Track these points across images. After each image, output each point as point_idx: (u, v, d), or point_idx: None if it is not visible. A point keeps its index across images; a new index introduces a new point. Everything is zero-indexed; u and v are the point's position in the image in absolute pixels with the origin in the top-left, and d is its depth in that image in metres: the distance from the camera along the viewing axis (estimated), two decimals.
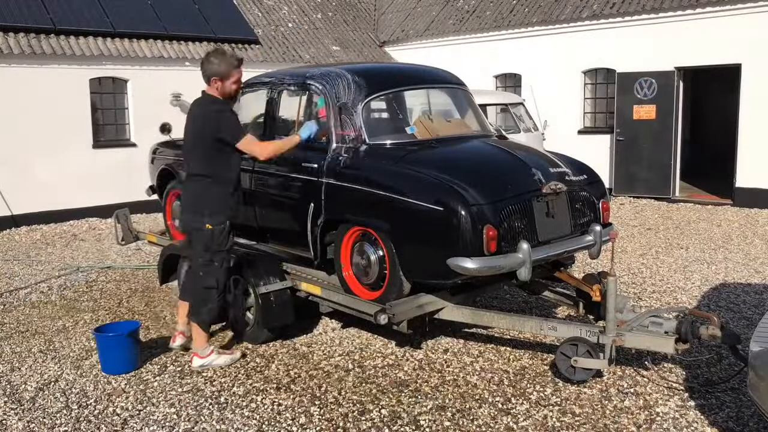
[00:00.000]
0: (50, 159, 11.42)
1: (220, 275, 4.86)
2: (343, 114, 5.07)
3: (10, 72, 11.04)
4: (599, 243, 4.92)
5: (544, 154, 5.41)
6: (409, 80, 5.61)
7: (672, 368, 4.83)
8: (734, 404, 4.27)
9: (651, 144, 12.62)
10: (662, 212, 11.51)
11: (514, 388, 4.55)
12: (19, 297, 7.06)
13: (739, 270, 7.51)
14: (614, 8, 12.95)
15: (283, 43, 15.06)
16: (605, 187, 5.37)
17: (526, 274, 4.41)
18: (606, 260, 7.54)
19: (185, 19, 13.47)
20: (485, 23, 15.13)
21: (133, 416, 4.26)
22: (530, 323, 4.82)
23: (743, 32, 11.38)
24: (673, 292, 6.71)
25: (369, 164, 4.86)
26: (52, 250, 9.46)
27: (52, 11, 11.85)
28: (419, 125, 5.25)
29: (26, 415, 4.30)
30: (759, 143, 11.35)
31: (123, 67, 12.26)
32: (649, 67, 12.53)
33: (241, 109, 6.09)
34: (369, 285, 4.92)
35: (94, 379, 4.82)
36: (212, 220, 4.74)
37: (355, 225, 4.91)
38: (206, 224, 4.74)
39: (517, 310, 6.21)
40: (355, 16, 17.75)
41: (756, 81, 11.34)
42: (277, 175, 5.43)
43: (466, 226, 4.28)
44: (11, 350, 5.47)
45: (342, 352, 5.24)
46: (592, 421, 4.08)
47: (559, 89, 13.78)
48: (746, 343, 4.41)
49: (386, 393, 4.52)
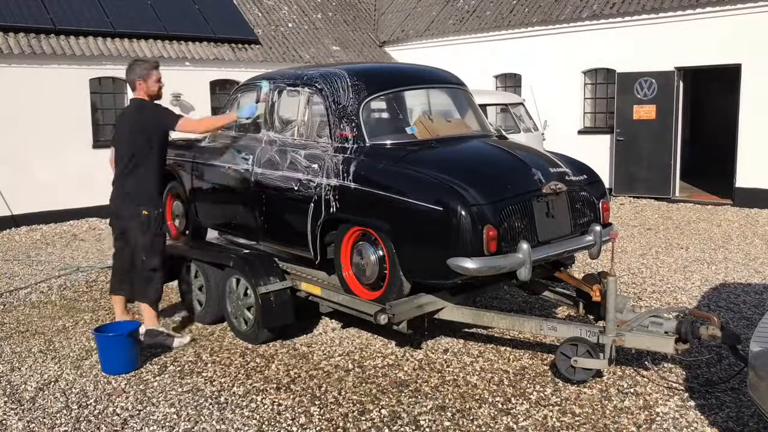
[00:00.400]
0: (50, 159, 11.42)
1: (162, 257, 5.39)
2: (343, 114, 5.07)
3: (10, 72, 11.05)
4: (599, 243, 4.92)
5: (544, 154, 5.41)
6: (409, 80, 5.60)
7: (672, 368, 4.83)
8: (734, 404, 4.27)
9: (651, 144, 12.63)
10: (662, 212, 11.51)
11: (514, 388, 4.55)
12: (19, 297, 7.06)
13: (739, 270, 7.51)
14: (614, 8, 12.95)
15: (283, 43, 15.06)
16: (605, 187, 5.37)
17: (526, 274, 4.41)
18: (606, 260, 7.55)
19: (185, 19, 13.47)
20: (485, 23, 15.13)
21: (133, 416, 4.26)
22: (530, 323, 4.82)
23: (743, 32, 11.39)
24: (673, 292, 6.71)
25: (369, 164, 4.86)
26: (52, 250, 9.46)
27: (52, 11, 11.85)
28: (419, 125, 5.25)
29: (26, 415, 4.31)
30: (759, 143, 11.36)
31: (123, 67, 12.10)
32: (649, 67, 12.53)
33: (240, 109, 6.10)
34: (369, 285, 4.92)
35: (94, 379, 4.82)
36: (148, 206, 5.27)
37: (355, 225, 4.91)
38: (143, 210, 5.25)
39: (517, 310, 6.21)
40: (355, 16, 17.75)
41: (756, 81, 11.34)
42: (277, 176, 5.43)
43: (466, 226, 4.28)
44: (11, 350, 5.47)
45: (342, 352, 5.24)
46: (592, 421, 4.08)
47: (559, 89, 13.79)
48: (746, 343, 4.42)
49: (386, 393, 4.52)
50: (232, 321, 5.61)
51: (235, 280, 5.52)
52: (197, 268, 5.97)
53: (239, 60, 13.73)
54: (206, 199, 6.28)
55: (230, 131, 6.02)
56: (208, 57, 13.29)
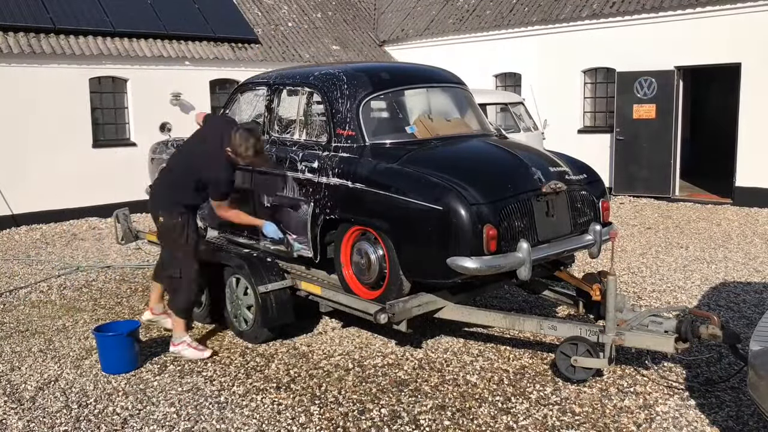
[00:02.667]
0: (50, 158, 11.41)
1: (183, 266, 5.11)
2: (343, 113, 5.07)
3: (10, 71, 11.04)
4: (599, 242, 4.92)
5: (544, 153, 5.41)
6: (409, 79, 5.60)
7: (672, 367, 4.83)
8: (734, 403, 4.27)
9: (651, 143, 12.62)
10: (662, 211, 11.51)
11: (514, 388, 4.55)
12: (18, 296, 7.06)
13: (738, 269, 7.51)
14: (614, 7, 12.95)
15: (282, 42, 15.05)
16: (605, 187, 5.37)
17: (526, 273, 4.41)
18: (606, 259, 7.55)
19: (185, 19, 13.46)
20: (485, 22, 15.12)
21: (133, 416, 4.26)
22: (530, 323, 4.82)
23: (743, 32, 11.38)
24: (673, 291, 6.71)
25: (369, 164, 4.86)
26: (52, 249, 9.46)
27: (52, 11, 11.84)
28: (419, 125, 5.25)
29: (26, 415, 4.31)
30: (759, 143, 11.35)
31: (123, 67, 12.26)
32: (648, 66, 12.52)
33: (239, 108, 6.11)
34: (369, 284, 4.92)
35: (94, 379, 4.82)
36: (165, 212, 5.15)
37: (355, 224, 4.92)
38: (159, 217, 5.18)
39: (517, 309, 6.21)
40: (354, 15, 17.74)
41: (756, 81, 11.34)
42: (277, 175, 5.43)
43: (466, 226, 4.28)
44: (11, 350, 5.47)
45: (342, 352, 5.24)
46: (592, 421, 4.08)
47: (558, 88, 13.78)
48: (746, 343, 4.42)
49: (386, 392, 4.52)
50: (232, 320, 5.61)
51: (235, 280, 5.52)
52: None
53: (239, 59, 13.73)
54: None
55: None
56: (207, 56, 13.29)
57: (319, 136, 5.28)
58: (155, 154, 7.15)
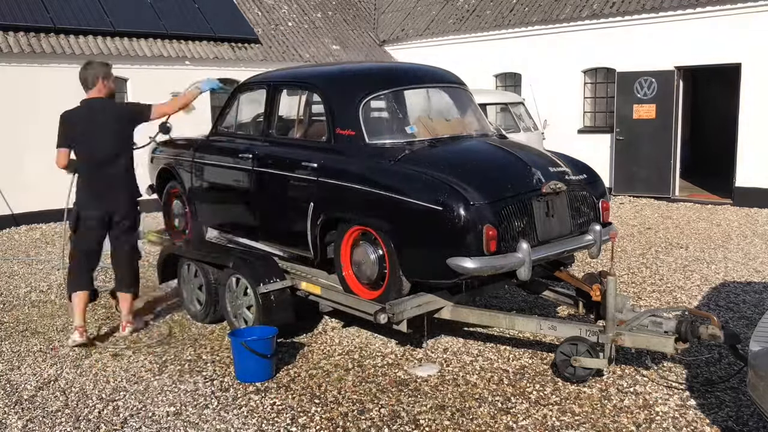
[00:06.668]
0: (50, 158, 11.36)
1: None
2: (343, 113, 5.06)
3: (10, 71, 11.04)
4: (599, 242, 4.92)
5: (543, 153, 5.41)
6: (408, 79, 5.60)
7: (672, 367, 4.83)
8: (734, 403, 4.27)
9: (651, 143, 12.62)
10: (662, 211, 11.51)
11: (513, 388, 4.55)
12: (18, 296, 7.06)
13: (738, 269, 7.51)
14: (614, 7, 12.95)
15: (282, 42, 15.05)
16: (605, 187, 5.37)
17: (525, 273, 4.41)
18: (606, 260, 7.55)
19: (185, 19, 13.46)
20: (485, 22, 15.12)
21: (133, 416, 4.26)
22: (530, 323, 4.82)
23: (743, 32, 11.38)
24: (673, 291, 6.71)
25: (369, 164, 4.86)
26: (52, 249, 9.46)
27: (52, 10, 11.84)
28: (419, 125, 5.25)
29: (26, 414, 4.31)
30: (759, 143, 11.35)
31: (123, 66, 12.23)
32: (649, 66, 12.52)
33: (239, 108, 6.11)
34: (369, 284, 4.92)
35: (94, 379, 4.82)
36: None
37: (355, 224, 4.91)
38: None
39: (517, 309, 6.21)
40: (354, 15, 17.74)
41: (756, 81, 11.34)
42: (277, 175, 5.43)
43: (466, 226, 4.28)
44: (11, 349, 5.47)
45: (342, 351, 5.24)
46: (592, 421, 4.09)
47: (558, 88, 13.78)
48: (746, 343, 4.42)
49: (386, 392, 4.52)
50: (232, 320, 5.60)
51: (235, 280, 5.52)
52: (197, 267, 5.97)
53: (239, 59, 13.73)
54: (206, 199, 6.28)
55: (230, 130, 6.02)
56: (207, 56, 13.28)
57: (319, 136, 5.28)
58: (155, 154, 7.15)
